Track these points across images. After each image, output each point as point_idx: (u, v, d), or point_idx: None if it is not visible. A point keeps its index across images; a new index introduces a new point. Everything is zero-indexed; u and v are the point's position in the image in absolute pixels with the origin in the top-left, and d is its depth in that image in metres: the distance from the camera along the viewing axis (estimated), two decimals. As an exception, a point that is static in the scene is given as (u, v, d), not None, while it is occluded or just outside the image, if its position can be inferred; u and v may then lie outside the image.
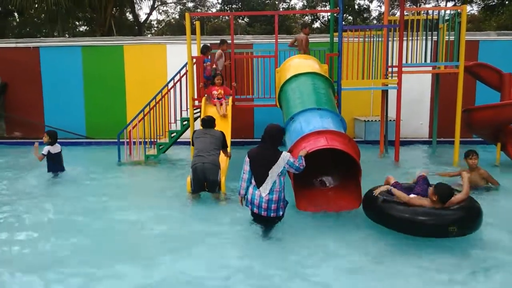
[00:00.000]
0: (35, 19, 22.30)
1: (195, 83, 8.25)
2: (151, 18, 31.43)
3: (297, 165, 4.64)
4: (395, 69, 8.32)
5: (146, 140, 8.89)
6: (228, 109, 7.67)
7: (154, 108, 8.90)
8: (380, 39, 8.35)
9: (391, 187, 4.79)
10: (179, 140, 9.09)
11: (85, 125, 11.93)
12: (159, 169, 8.09)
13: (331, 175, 5.95)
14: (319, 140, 5.26)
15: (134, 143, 8.83)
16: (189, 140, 7.22)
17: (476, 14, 24.22)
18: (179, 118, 8.89)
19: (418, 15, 8.45)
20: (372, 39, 8.27)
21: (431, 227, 4.28)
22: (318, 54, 9.49)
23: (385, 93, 9.29)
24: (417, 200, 4.49)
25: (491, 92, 8.47)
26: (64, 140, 9.41)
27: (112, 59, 11.73)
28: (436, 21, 8.46)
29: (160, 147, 8.76)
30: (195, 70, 8.31)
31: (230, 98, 7.95)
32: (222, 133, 6.07)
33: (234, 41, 8.43)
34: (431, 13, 8.44)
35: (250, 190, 4.62)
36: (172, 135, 8.78)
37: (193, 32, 9.08)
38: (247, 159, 4.63)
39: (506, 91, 7.98)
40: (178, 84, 9.02)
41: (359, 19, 25.39)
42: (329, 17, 10.24)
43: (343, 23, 8.82)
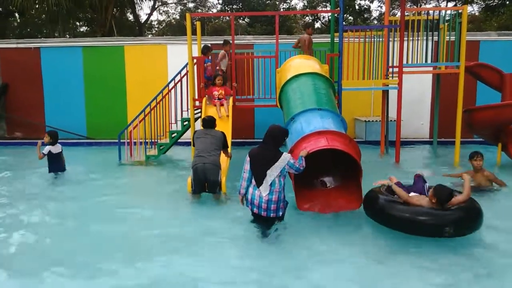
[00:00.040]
0: (36, 20, 22.34)
1: (196, 84, 8.25)
2: (152, 19, 31.56)
3: (297, 166, 4.65)
4: (396, 69, 8.33)
5: (147, 141, 8.90)
6: (229, 109, 7.67)
7: (155, 109, 8.91)
8: (381, 40, 8.36)
9: (393, 184, 4.82)
10: (180, 141, 9.08)
11: (86, 126, 11.94)
12: (160, 170, 8.09)
13: (332, 176, 5.95)
14: (320, 141, 5.26)
15: (135, 144, 8.83)
16: (190, 141, 7.22)
17: (477, 15, 24.22)
18: (180, 119, 8.89)
19: (419, 16, 8.46)
20: (373, 40, 8.28)
21: (429, 227, 4.28)
22: (319, 54, 9.49)
23: (386, 94, 9.28)
24: (416, 200, 4.51)
25: (492, 93, 8.47)
26: (65, 141, 9.41)
27: (113, 60, 11.74)
28: (437, 22, 8.46)
29: (161, 148, 8.77)
30: (196, 71, 8.31)
31: (231, 99, 7.95)
32: (223, 134, 6.07)
33: (235, 42, 8.44)
34: (432, 14, 8.44)
35: (250, 190, 4.63)
36: (173, 136, 8.78)
37: (194, 33, 9.09)
38: (248, 159, 4.64)
39: (507, 92, 7.98)
40: (179, 85, 9.02)
41: (360, 20, 25.39)
42: (330, 18, 10.23)
43: (344, 24, 8.81)
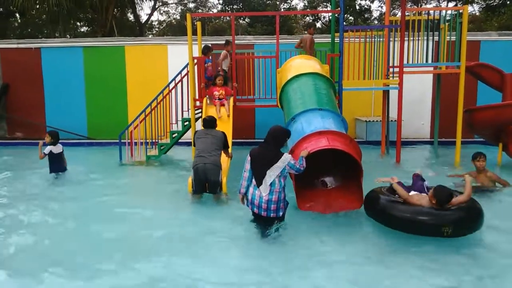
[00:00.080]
0: (37, 20, 22.36)
1: (196, 84, 8.25)
2: (152, 19, 31.57)
3: (298, 167, 4.66)
4: (396, 70, 8.33)
5: (148, 141, 8.90)
6: (230, 109, 7.67)
7: (156, 109, 8.92)
8: (382, 40, 8.36)
9: (394, 182, 4.82)
10: (180, 141, 9.09)
11: (87, 126, 11.95)
12: (160, 170, 8.09)
13: (333, 176, 5.94)
14: (321, 141, 5.27)
15: (136, 144, 8.84)
16: (190, 141, 7.22)
17: (478, 14, 24.21)
18: (180, 119, 8.89)
19: (420, 16, 8.46)
20: (373, 40, 8.28)
21: (429, 227, 4.28)
22: (320, 55, 9.50)
23: (386, 94, 9.27)
24: (416, 200, 4.51)
25: (493, 93, 8.47)
26: (66, 141, 9.41)
27: (114, 60, 11.75)
28: (438, 22, 8.45)
29: (162, 148, 8.77)
30: (196, 71, 8.31)
31: (231, 99, 7.95)
32: (224, 134, 6.07)
33: (235, 42, 8.45)
34: (433, 14, 8.43)
35: (251, 190, 4.63)
36: (174, 136, 8.79)
37: (194, 33, 9.08)
38: (249, 158, 4.65)
39: (508, 92, 7.98)
40: (179, 85, 9.02)
41: (360, 20, 25.39)
42: (330, 18, 10.24)
43: (344, 24, 8.80)
